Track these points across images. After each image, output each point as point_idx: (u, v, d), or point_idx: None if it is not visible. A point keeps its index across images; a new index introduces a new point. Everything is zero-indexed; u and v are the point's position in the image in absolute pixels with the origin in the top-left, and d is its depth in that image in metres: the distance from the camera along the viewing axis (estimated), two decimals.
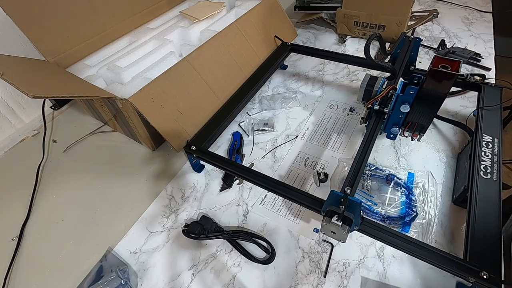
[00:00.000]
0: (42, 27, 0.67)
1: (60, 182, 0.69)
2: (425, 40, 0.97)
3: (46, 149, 0.76)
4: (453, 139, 0.68)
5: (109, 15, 0.79)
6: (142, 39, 0.82)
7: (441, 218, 0.55)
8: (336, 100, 0.81)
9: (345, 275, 0.50)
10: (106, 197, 0.65)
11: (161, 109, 0.62)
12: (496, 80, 0.80)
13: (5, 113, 0.82)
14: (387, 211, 0.56)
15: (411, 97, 0.53)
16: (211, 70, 0.73)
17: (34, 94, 0.45)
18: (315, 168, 0.66)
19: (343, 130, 0.73)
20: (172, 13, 0.93)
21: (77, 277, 0.52)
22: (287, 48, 0.88)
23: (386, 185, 0.60)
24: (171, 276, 0.52)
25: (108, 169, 0.71)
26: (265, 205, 0.60)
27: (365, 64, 0.81)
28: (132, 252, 0.56)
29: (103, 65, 0.74)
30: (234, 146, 0.70)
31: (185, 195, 0.64)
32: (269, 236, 0.56)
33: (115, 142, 0.77)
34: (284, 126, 0.75)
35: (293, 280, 0.50)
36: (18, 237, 0.59)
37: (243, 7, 0.92)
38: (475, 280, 0.41)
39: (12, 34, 0.74)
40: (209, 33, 0.80)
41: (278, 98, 0.82)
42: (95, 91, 0.62)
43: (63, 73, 0.70)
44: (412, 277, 0.49)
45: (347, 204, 0.44)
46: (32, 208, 0.64)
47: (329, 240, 0.54)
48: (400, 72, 0.60)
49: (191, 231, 0.56)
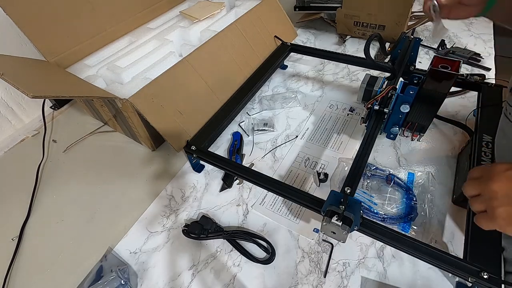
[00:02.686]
0: (42, 27, 0.67)
1: (60, 182, 0.69)
2: (425, 40, 0.97)
3: (46, 149, 0.76)
4: (453, 139, 0.68)
5: (109, 15, 0.79)
6: (142, 39, 0.82)
7: (441, 218, 0.55)
8: (336, 100, 0.81)
9: (345, 275, 0.50)
10: (106, 197, 0.65)
11: (161, 109, 0.62)
12: (496, 80, 0.81)
13: (5, 113, 0.82)
14: (387, 211, 0.56)
15: (411, 97, 0.53)
16: (211, 70, 0.73)
17: (34, 94, 0.45)
18: (315, 168, 0.66)
19: (343, 130, 0.73)
20: (172, 13, 0.93)
21: (77, 277, 0.52)
22: (287, 48, 0.88)
23: (386, 185, 0.60)
24: (171, 276, 0.52)
25: (108, 169, 0.71)
26: (265, 205, 0.60)
27: (365, 64, 0.81)
28: (132, 252, 0.56)
29: (103, 65, 0.74)
30: (234, 146, 0.70)
31: (185, 195, 0.64)
32: (269, 236, 0.56)
33: (115, 142, 0.77)
34: (284, 126, 0.76)
35: (293, 280, 0.50)
36: (18, 237, 0.59)
37: (243, 7, 0.92)
38: (475, 280, 0.41)
39: (12, 34, 0.74)
40: (209, 33, 0.80)
41: (278, 98, 0.82)
42: (95, 91, 0.62)
43: (63, 73, 0.70)
44: (412, 277, 0.49)
45: (347, 204, 0.44)
46: (32, 208, 0.64)
47: (329, 240, 0.54)
48: (400, 72, 0.60)
49: (191, 231, 0.56)
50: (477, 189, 0.36)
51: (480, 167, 0.38)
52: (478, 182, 0.36)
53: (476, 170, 0.38)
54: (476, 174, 0.37)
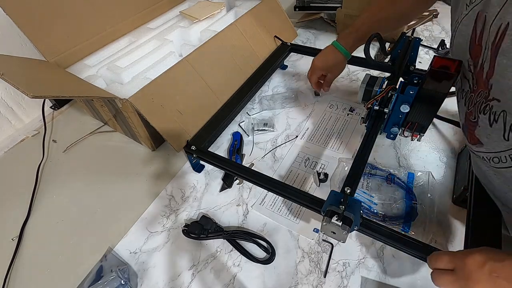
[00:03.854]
0: (42, 27, 0.67)
1: (60, 182, 0.69)
2: (425, 40, 0.97)
3: (46, 149, 0.76)
4: (453, 139, 0.68)
5: (109, 15, 0.79)
6: (142, 39, 0.82)
7: (441, 218, 0.55)
8: (336, 100, 0.81)
9: (345, 275, 0.50)
10: (106, 197, 0.65)
11: (161, 109, 0.63)
12: None
13: (5, 113, 0.82)
14: (387, 211, 0.56)
15: (411, 97, 0.53)
16: (211, 70, 0.73)
17: (34, 94, 0.45)
18: (315, 168, 0.66)
19: (343, 130, 0.73)
20: (172, 13, 0.93)
21: (77, 277, 0.52)
22: (287, 48, 0.88)
23: (386, 185, 0.60)
24: (171, 276, 0.52)
25: (108, 169, 0.71)
26: (265, 205, 0.60)
27: (365, 64, 0.81)
28: (132, 252, 0.56)
29: (103, 65, 0.74)
30: (234, 146, 0.70)
31: (185, 195, 0.64)
32: (269, 236, 0.56)
33: (115, 142, 0.77)
34: (284, 126, 0.75)
35: (293, 280, 0.50)
36: (18, 237, 0.59)
37: (243, 7, 0.92)
38: None
39: (12, 34, 0.74)
40: (209, 33, 0.80)
41: (278, 98, 0.82)
42: (95, 91, 0.62)
43: (63, 73, 0.70)
44: (412, 277, 0.49)
45: (347, 204, 0.44)
46: (32, 208, 0.64)
47: (329, 240, 0.54)
48: (400, 72, 0.60)
49: (191, 231, 0.56)
50: (455, 286, 0.33)
51: (447, 254, 0.35)
52: (455, 278, 0.33)
53: (445, 259, 0.35)
54: (447, 265, 0.34)
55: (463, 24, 0.44)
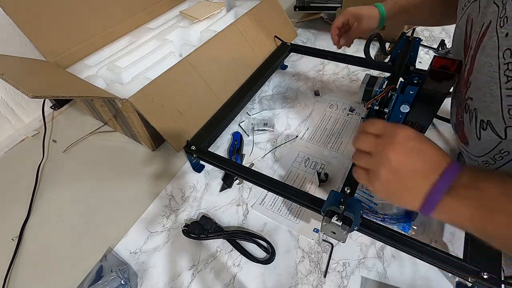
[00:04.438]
0: (42, 27, 0.67)
1: (60, 182, 0.69)
2: (425, 40, 0.97)
3: (46, 149, 0.76)
4: (453, 139, 0.68)
5: (109, 15, 0.79)
6: (142, 39, 0.82)
7: None
8: (336, 100, 0.81)
9: (345, 275, 0.50)
10: (106, 197, 0.65)
11: (161, 109, 0.62)
12: None
13: (5, 113, 0.82)
14: (387, 211, 0.56)
15: (411, 97, 0.53)
16: (211, 70, 0.73)
17: (34, 94, 0.45)
18: (315, 168, 0.66)
19: (343, 130, 0.73)
20: (172, 13, 0.93)
21: (77, 277, 0.52)
22: (287, 48, 0.88)
23: None
24: (171, 276, 0.52)
25: (108, 169, 0.71)
26: (265, 205, 0.60)
27: (365, 64, 0.81)
28: (132, 252, 0.56)
29: (103, 65, 0.74)
30: (234, 146, 0.70)
31: (185, 195, 0.64)
32: (269, 236, 0.56)
33: (115, 142, 0.77)
34: (284, 126, 0.75)
35: (293, 280, 0.50)
36: (18, 237, 0.59)
37: (243, 7, 0.92)
38: (475, 280, 0.41)
39: (12, 34, 0.74)
40: (209, 33, 0.80)
41: (278, 98, 0.82)
42: (95, 91, 0.62)
43: (63, 73, 0.70)
44: (412, 277, 0.49)
45: (347, 204, 0.44)
46: (32, 208, 0.64)
47: (329, 240, 0.54)
48: (400, 72, 0.60)
49: (191, 231, 0.56)
50: (371, 147, 0.33)
51: (381, 122, 0.34)
52: (375, 141, 0.33)
53: (377, 126, 0.34)
54: (375, 130, 0.34)
55: (459, 27, 0.45)
